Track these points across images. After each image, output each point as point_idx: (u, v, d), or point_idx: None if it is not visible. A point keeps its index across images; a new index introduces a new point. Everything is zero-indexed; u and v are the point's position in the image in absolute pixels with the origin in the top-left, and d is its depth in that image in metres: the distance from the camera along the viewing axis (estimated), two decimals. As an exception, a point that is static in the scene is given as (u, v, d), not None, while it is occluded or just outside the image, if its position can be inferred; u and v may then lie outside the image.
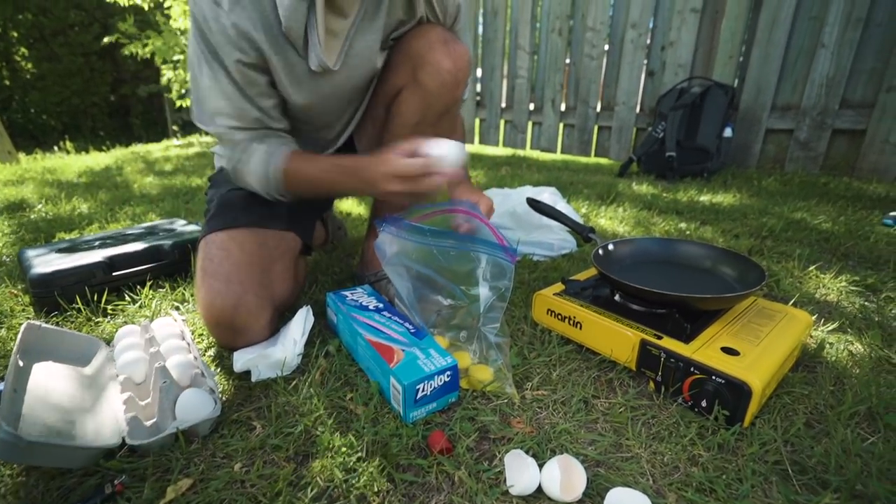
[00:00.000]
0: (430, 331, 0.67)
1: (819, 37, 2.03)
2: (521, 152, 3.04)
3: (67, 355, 0.68)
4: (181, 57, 3.93)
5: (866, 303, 0.87)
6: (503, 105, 3.17)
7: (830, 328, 0.77)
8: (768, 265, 1.07)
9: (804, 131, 2.12)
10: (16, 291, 0.94)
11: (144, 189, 2.01)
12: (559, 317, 0.75)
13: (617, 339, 0.66)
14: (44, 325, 0.67)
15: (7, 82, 6.34)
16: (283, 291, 0.76)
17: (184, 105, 4.55)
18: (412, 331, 0.66)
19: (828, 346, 0.71)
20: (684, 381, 0.59)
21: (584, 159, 2.81)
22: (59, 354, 0.67)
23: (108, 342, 0.75)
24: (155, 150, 3.66)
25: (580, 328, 0.72)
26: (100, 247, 1.00)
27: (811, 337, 0.75)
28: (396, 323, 0.68)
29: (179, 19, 4.01)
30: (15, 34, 6.29)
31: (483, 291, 0.61)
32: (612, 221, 1.41)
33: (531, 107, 3.05)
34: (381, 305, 0.73)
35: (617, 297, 0.74)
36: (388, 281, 0.86)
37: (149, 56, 3.82)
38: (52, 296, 0.84)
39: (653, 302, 0.68)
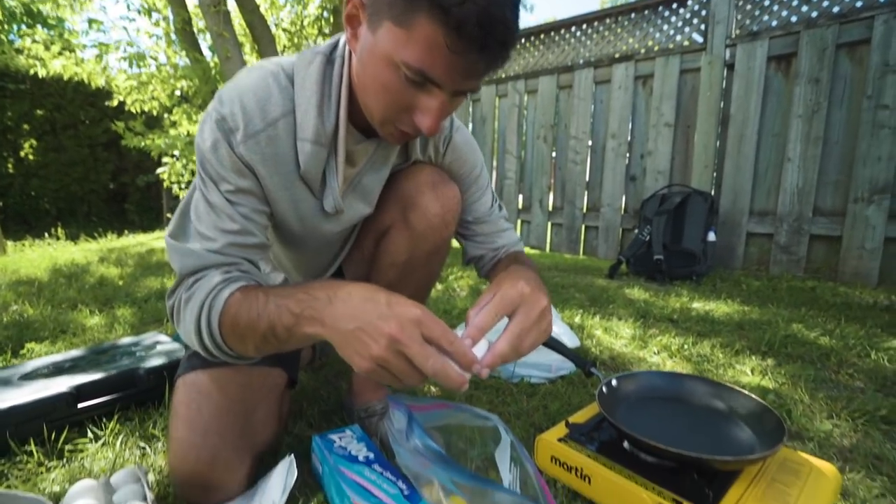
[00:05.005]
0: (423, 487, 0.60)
1: (784, 151, 2.19)
2: (511, 248, 3.11)
3: (5, 521, 0.59)
4: (178, 152, 4.12)
5: (886, 441, 0.83)
6: (493, 203, 3.30)
7: (857, 479, 0.72)
8: (775, 388, 1.03)
9: (783, 236, 2.21)
10: (-35, 424, 0.85)
11: (129, 289, 1.96)
12: (565, 466, 0.68)
13: (632, 500, 0.60)
14: (-17, 487, 0.58)
15: (11, 170, 6.49)
16: (265, 437, 0.69)
17: (180, 195, 4.68)
18: (406, 493, 0.59)
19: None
20: (714, 564, 0.52)
21: (572, 257, 2.87)
22: (-4, 521, 0.58)
23: (58, 497, 0.66)
24: (145, 241, 3.66)
25: (589, 482, 0.65)
26: (68, 370, 0.93)
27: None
28: (388, 482, 0.61)
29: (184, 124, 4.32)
30: (27, 126, 6.57)
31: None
32: (608, 335, 1.39)
33: (520, 206, 3.17)
34: (371, 455, 0.67)
35: (626, 446, 0.69)
36: (379, 417, 0.80)
37: (149, 151, 4.00)
38: (3, 437, 0.75)
39: (667, 457, 0.63)
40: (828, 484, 0.61)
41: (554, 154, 3.01)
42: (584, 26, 2.83)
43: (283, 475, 0.64)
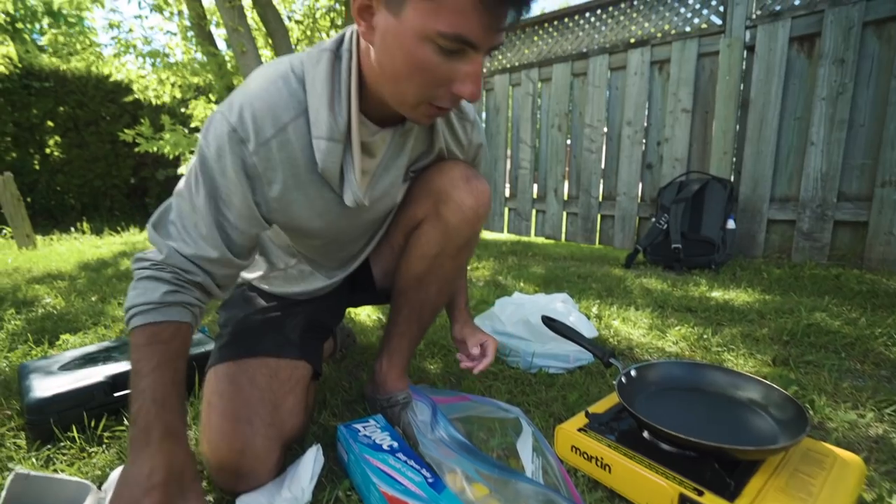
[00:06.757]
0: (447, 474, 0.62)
1: (807, 136, 2.13)
2: (525, 238, 3.09)
3: (54, 504, 0.63)
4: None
5: (912, 431, 0.82)
6: (507, 194, 3.29)
7: (883, 469, 0.71)
8: (797, 378, 1.02)
9: (806, 222, 2.16)
10: (9, 412, 0.90)
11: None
12: (585, 456, 0.69)
13: (652, 489, 0.61)
14: (32, 473, 0.62)
15: (37, 167, 6.68)
16: (293, 427, 0.72)
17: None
18: (430, 480, 0.61)
19: (886, 496, 0.65)
20: (735, 551, 0.53)
21: (588, 247, 2.85)
22: (46, 504, 0.62)
23: (101, 481, 0.70)
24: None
25: (609, 471, 0.66)
26: (103, 361, 0.97)
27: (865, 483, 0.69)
28: (412, 470, 0.63)
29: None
30: (51, 124, 6.74)
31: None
32: (626, 325, 1.38)
33: (535, 195, 3.15)
34: (395, 444, 0.69)
35: (646, 435, 0.70)
36: (402, 407, 0.82)
37: (165, 152, 4.07)
38: (48, 423, 0.80)
39: (687, 447, 0.63)
40: (852, 474, 0.61)
41: (569, 142, 2.98)
42: (599, 12, 2.77)
43: (311, 463, 0.67)
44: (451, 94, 0.56)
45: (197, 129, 4.74)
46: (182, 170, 4.57)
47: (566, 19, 2.92)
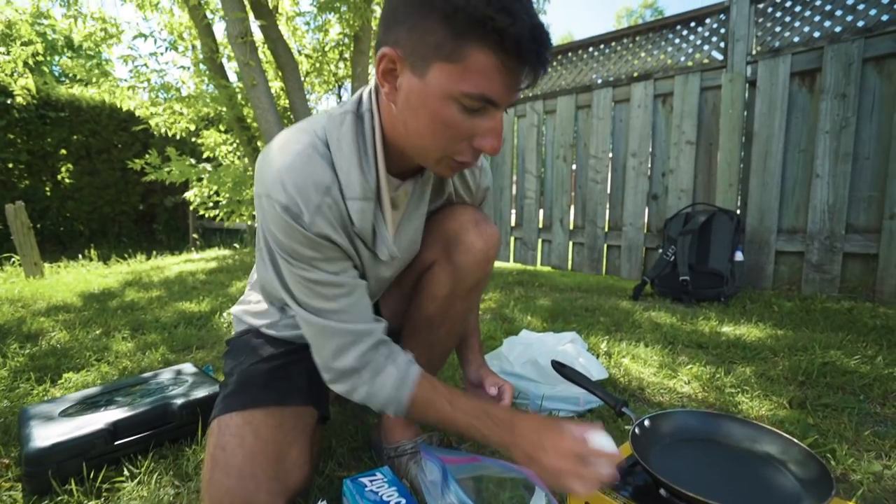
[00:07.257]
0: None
1: (812, 168, 2.14)
2: (531, 268, 3.08)
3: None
4: (204, 176, 4.22)
5: (942, 486, 0.78)
6: (512, 224, 3.29)
7: (913, 531, 0.68)
8: (816, 423, 0.99)
9: (815, 254, 2.14)
10: (7, 461, 0.88)
11: (158, 314, 2.02)
12: (600, 514, 0.67)
13: (672, 555, 0.58)
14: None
15: (49, 193, 6.81)
16: (297, 480, 0.70)
17: (206, 214, 4.81)
18: (438, 544, 0.58)
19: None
20: None
21: (595, 277, 2.83)
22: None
23: (97, 539, 0.67)
24: (172, 263, 3.76)
25: (626, 532, 0.64)
26: (104, 405, 0.95)
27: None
28: (420, 532, 0.60)
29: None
30: (64, 152, 6.90)
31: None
32: (636, 363, 1.36)
33: (540, 224, 3.16)
34: (402, 501, 0.66)
35: (662, 493, 0.67)
36: (409, 457, 0.80)
37: (172, 180, 4.13)
38: (46, 475, 0.78)
39: (708, 509, 0.61)
40: (882, 540, 0.58)
41: (574, 167, 3.00)
42: (602, 46, 2.84)
43: (315, 521, 0.65)
44: (473, 149, 0.59)
45: (207, 159, 4.81)
46: (189, 195, 4.62)
47: (570, 53, 2.98)
